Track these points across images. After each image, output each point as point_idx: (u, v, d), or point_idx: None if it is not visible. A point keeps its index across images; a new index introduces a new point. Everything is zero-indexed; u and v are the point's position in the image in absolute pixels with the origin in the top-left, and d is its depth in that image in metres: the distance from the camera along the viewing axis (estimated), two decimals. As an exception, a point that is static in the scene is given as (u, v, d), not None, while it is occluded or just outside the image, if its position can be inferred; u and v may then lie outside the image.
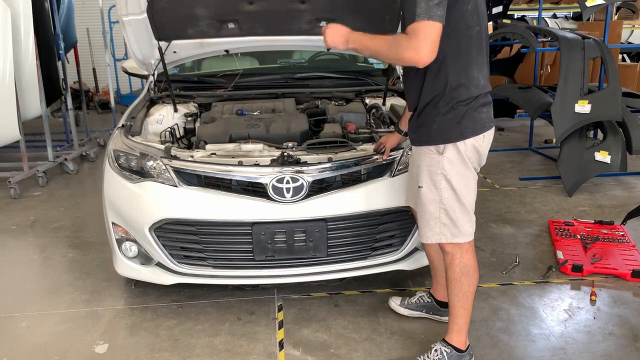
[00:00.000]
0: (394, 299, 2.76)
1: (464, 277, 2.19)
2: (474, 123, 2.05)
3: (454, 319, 2.25)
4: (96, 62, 7.61)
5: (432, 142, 2.08)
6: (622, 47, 7.21)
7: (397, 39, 1.90)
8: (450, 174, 2.08)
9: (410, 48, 1.84)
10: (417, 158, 2.19)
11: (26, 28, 4.85)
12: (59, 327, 2.67)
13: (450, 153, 2.06)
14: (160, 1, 3.09)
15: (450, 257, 2.19)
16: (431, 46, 1.83)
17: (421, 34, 1.82)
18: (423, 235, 2.22)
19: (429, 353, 2.27)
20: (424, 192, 2.14)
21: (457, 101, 2.02)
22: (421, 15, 1.81)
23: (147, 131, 3.12)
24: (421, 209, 2.18)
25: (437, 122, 2.05)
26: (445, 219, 2.13)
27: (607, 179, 4.80)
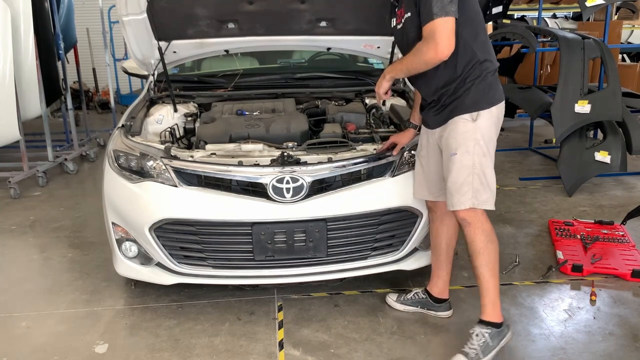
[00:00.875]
0: (391, 296, 2.79)
1: (490, 244, 2.27)
2: (498, 92, 2.28)
3: (487, 291, 2.30)
4: (96, 62, 7.61)
5: (467, 111, 2.23)
6: (622, 47, 7.21)
7: (417, 47, 2.15)
8: (483, 140, 2.23)
9: (429, 49, 2.09)
10: (445, 132, 2.29)
11: (26, 28, 4.85)
12: (59, 327, 2.68)
13: (482, 120, 2.22)
14: (160, 1, 3.09)
15: (473, 228, 2.27)
16: (447, 40, 2.07)
17: (437, 32, 2.06)
18: (455, 203, 2.26)
19: (471, 340, 2.29)
20: (457, 158, 2.24)
21: (487, 72, 2.23)
22: (439, 13, 2.05)
23: (147, 131, 3.12)
24: (453, 176, 2.26)
25: (472, 92, 2.22)
26: (478, 184, 2.24)
27: (607, 179, 4.80)
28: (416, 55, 2.15)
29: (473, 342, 2.28)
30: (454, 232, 2.58)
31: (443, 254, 2.60)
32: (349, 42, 3.52)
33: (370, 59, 4.13)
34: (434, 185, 2.49)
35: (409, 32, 2.27)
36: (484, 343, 2.27)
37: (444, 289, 2.66)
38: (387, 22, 2.47)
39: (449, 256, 2.62)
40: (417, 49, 2.14)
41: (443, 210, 2.51)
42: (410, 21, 2.24)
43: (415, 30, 2.22)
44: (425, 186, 2.53)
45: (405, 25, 2.28)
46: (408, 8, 2.24)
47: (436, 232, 2.59)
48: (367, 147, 2.69)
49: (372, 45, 3.53)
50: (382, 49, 3.53)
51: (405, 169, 2.66)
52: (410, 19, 2.23)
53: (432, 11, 2.05)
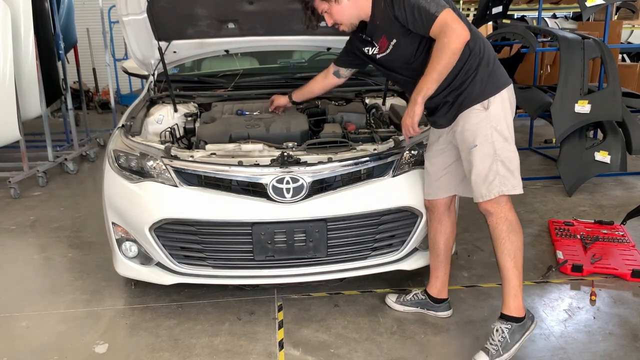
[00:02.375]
0: (390, 296, 2.79)
1: (512, 234, 2.24)
2: (502, 75, 2.29)
3: (508, 282, 2.26)
4: (96, 62, 7.60)
5: (477, 101, 2.23)
6: (622, 47, 7.20)
7: (437, 48, 2.13)
8: (500, 125, 2.23)
9: (451, 39, 2.09)
10: (458, 126, 2.29)
11: (26, 28, 4.85)
12: (59, 327, 2.68)
13: (494, 105, 2.23)
14: (160, 1, 3.09)
15: (496, 218, 2.25)
16: (462, 23, 2.11)
17: (449, 21, 2.09)
18: (484, 194, 2.24)
19: (492, 335, 2.29)
20: (477, 150, 2.23)
21: (486, 59, 2.25)
22: (438, 10, 2.10)
23: (147, 131, 3.12)
24: (477, 167, 2.24)
25: (475, 82, 2.23)
26: (503, 170, 2.22)
27: (607, 179, 4.80)
28: (442, 53, 2.11)
29: (494, 338, 2.28)
30: (452, 232, 2.58)
31: (441, 254, 2.60)
32: (349, 42, 3.51)
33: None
34: (435, 184, 2.50)
35: (401, 55, 2.30)
36: (503, 339, 2.25)
37: (443, 289, 2.66)
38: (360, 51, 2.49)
39: (447, 256, 2.62)
40: (438, 48, 2.12)
41: (441, 209, 2.53)
42: (399, 46, 2.27)
43: (408, 49, 2.26)
44: (430, 187, 2.53)
45: (395, 51, 2.30)
46: (391, 36, 2.26)
47: (434, 232, 2.59)
48: (367, 147, 2.68)
49: (372, 45, 3.52)
50: (382, 49, 3.53)
51: (406, 169, 2.66)
52: (398, 44, 2.27)
53: (431, 12, 2.10)
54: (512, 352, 2.26)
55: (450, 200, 2.53)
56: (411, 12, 2.14)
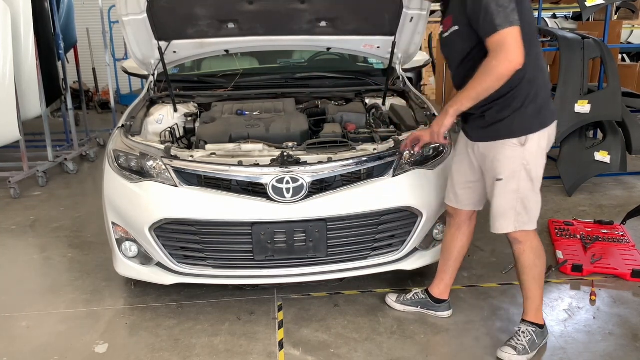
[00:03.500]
0: (391, 296, 2.79)
1: (538, 260, 2.29)
2: (550, 112, 2.19)
3: (532, 300, 2.36)
4: (96, 62, 7.60)
5: (515, 135, 2.14)
6: (622, 47, 7.20)
7: (484, 67, 2.01)
8: (531, 164, 2.16)
9: (500, 62, 1.97)
10: (490, 153, 2.21)
11: (26, 28, 4.85)
12: (59, 327, 2.68)
13: (531, 143, 2.14)
14: (160, 1, 3.09)
15: (522, 246, 2.28)
16: (520, 49, 1.96)
17: (507, 42, 1.95)
18: (498, 227, 2.27)
19: (517, 336, 2.36)
20: (502, 184, 2.20)
21: (537, 91, 2.12)
22: (503, 24, 1.94)
23: (147, 131, 3.13)
24: (498, 201, 2.23)
25: (519, 115, 2.12)
26: (521, 208, 2.21)
27: (607, 179, 4.80)
28: (486, 75, 2.00)
29: (520, 338, 2.35)
30: (468, 241, 2.58)
31: (452, 260, 2.60)
32: (349, 42, 3.52)
33: (370, 59, 4.13)
34: (460, 194, 2.47)
35: (454, 44, 2.19)
36: (531, 339, 2.34)
37: (445, 291, 2.67)
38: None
39: (457, 262, 2.62)
40: (485, 67, 2.00)
41: (463, 218, 2.52)
42: (457, 35, 2.15)
43: (461, 43, 2.14)
44: (451, 192, 2.51)
45: (451, 37, 2.18)
46: (456, 21, 2.13)
47: (451, 238, 2.58)
48: (367, 147, 2.68)
49: (372, 45, 3.53)
50: (382, 49, 3.53)
51: (406, 169, 2.66)
52: (457, 33, 2.14)
53: (496, 22, 1.94)
54: (534, 353, 2.34)
55: (473, 212, 2.52)
56: (479, 11, 1.99)
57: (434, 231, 2.79)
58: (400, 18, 3.28)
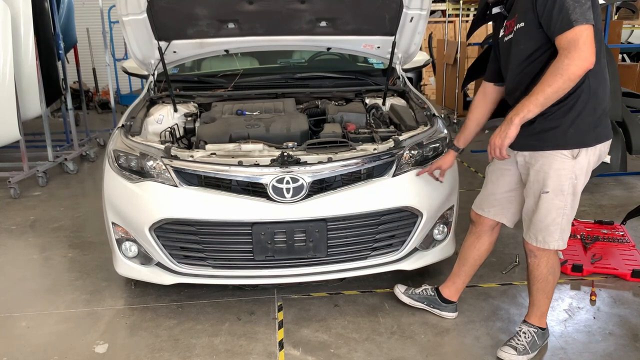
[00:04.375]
0: (399, 287, 2.79)
1: (551, 276, 2.28)
2: (607, 129, 2.07)
3: (538, 307, 2.36)
4: (96, 62, 7.61)
5: (567, 146, 2.03)
6: (622, 47, 7.20)
7: (554, 67, 1.88)
8: (579, 179, 2.08)
9: (572, 61, 1.84)
10: (537, 162, 2.11)
11: (26, 28, 4.85)
12: (59, 327, 2.68)
13: (583, 158, 2.04)
14: (160, 1, 3.09)
15: (538, 261, 2.26)
16: (592, 48, 1.84)
17: (581, 40, 1.83)
18: (540, 241, 2.19)
19: (518, 337, 2.36)
20: (548, 197, 2.10)
21: (596, 104, 2.00)
22: (579, 20, 1.83)
23: (147, 131, 3.13)
24: (542, 214, 2.14)
25: (576, 125, 2.00)
26: (565, 225, 2.16)
27: (607, 179, 4.80)
28: (556, 75, 1.87)
29: (520, 338, 2.35)
30: (486, 252, 2.54)
31: (467, 266, 2.59)
32: (349, 42, 3.52)
33: (370, 59, 4.13)
34: (487, 202, 2.43)
35: (518, 43, 2.07)
36: (532, 340, 2.35)
37: (455, 293, 2.66)
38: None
39: (471, 269, 2.60)
40: (555, 67, 1.87)
41: (484, 228, 2.48)
42: (523, 32, 2.03)
43: (527, 42, 2.03)
44: (484, 200, 2.44)
45: (516, 37, 2.07)
46: (521, 17, 2.03)
47: (470, 245, 2.55)
48: (367, 147, 2.68)
49: (372, 45, 3.53)
50: (382, 49, 3.54)
51: (406, 169, 2.66)
52: (523, 30, 2.03)
53: (571, 18, 1.83)
54: (534, 354, 2.35)
55: (496, 223, 2.47)
56: (552, 5, 1.88)
57: (434, 231, 2.79)
58: (400, 18, 3.28)
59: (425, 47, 8.16)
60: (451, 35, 9.45)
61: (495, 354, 2.37)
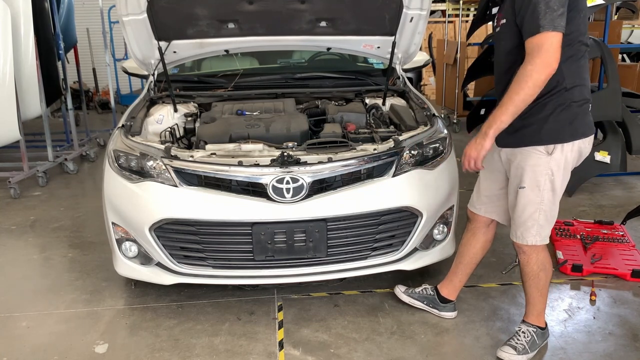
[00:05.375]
0: (400, 287, 2.80)
1: (542, 273, 2.29)
2: (584, 125, 2.10)
3: (534, 305, 2.37)
4: (96, 62, 7.60)
5: (542, 142, 2.07)
6: (622, 47, 7.20)
7: (519, 74, 1.93)
8: (555, 175, 2.11)
9: (534, 67, 1.89)
10: (515, 159, 2.16)
11: (26, 28, 4.85)
12: (59, 327, 2.68)
13: (558, 154, 2.08)
14: (160, 1, 3.09)
15: (527, 257, 2.27)
16: (555, 55, 1.89)
17: (544, 46, 1.88)
18: (519, 236, 2.24)
19: (518, 336, 2.37)
20: (525, 193, 2.14)
21: (572, 101, 2.04)
22: (546, 26, 1.86)
23: (147, 131, 3.13)
24: (519, 209, 2.19)
25: (550, 121, 2.04)
26: (543, 221, 2.18)
27: (607, 179, 4.80)
28: (521, 81, 1.91)
29: (520, 338, 2.35)
30: (483, 249, 2.55)
31: (464, 264, 2.59)
32: (348, 42, 3.52)
33: (370, 59, 4.13)
34: (479, 199, 2.46)
35: (501, 39, 2.11)
36: (531, 339, 2.35)
37: (453, 292, 2.67)
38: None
39: (468, 267, 2.60)
40: (520, 74, 1.92)
41: (479, 225, 2.50)
42: (505, 28, 2.07)
43: (507, 39, 2.07)
44: (476, 197, 2.47)
45: (500, 31, 2.11)
46: (506, 13, 2.05)
47: (466, 242, 2.57)
48: (367, 147, 2.68)
49: (372, 45, 3.53)
50: (382, 49, 3.54)
51: (406, 169, 2.66)
52: (506, 26, 2.06)
53: (540, 23, 1.87)
54: (533, 353, 2.35)
55: (491, 220, 2.48)
56: (526, 8, 1.92)
57: (434, 231, 2.79)
58: (400, 18, 3.28)
59: (425, 47, 8.15)
60: (451, 35, 9.45)
61: (495, 353, 2.38)
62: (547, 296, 2.38)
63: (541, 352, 2.40)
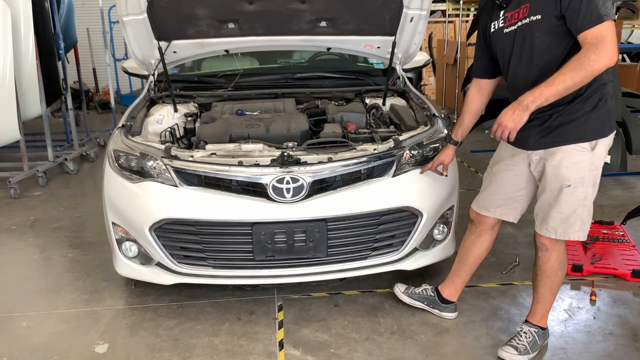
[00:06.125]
0: (399, 286, 2.79)
1: (560, 270, 2.29)
2: (613, 117, 2.12)
3: (543, 305, 2.37)
4: (96, 62, 7.61)
5: (586, 139, 2.05)
6: (622, 47, 7.20)
7: (579, 60, 1.87)
8: (597, 170, 2.11)
9: (600, 57, 1.85)
10: (554, 158, 2.10)
11: (26, 28, 4.85)
12: (59, 327, 2.68)
13: (600, 148, 2.07)
14: (160, 1, 3.09)
15: (549, 254, 2.26)
16: (616, 46, 1.87)
17: (608, 36, 1.85)
18: (560, 233, 2.19)
19: (519, 336, 2.37)
20: (569, 190, 2.11)
21: (608, 96, 2.05)
22: (609, 15, 1.84)
23: (147, 131, 3.13)
24: (561, 207, 2.15)
25: (592, 117, 2.02)
26: (586, 216, 2.19)
27: (607, 179, 4.80)
28: (580, 69, 1.86)
29: (521, 338, 2.36)
30: (486, 251, 2.54)
31: (466, 265, 2.58)
32: (349, 42, 3.52)
33: (370, 59, 4.13)
34: (493, 202, 2.41)
35: (532, 36, 2.02)
36: (532, 340, 2.35)
37: (455, 293, 2.66)
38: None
39: (471, 269, 2.60)
40: (579, 60, 1.86)
41: (485, 227, 2.48)
42: (539, 25, 1.99)
43: (544, 36, 2.00)
44: (487, 199, 2.43)
45: (526, 29, 2.03)
46: (537, 9, 1.99)
47: (470, 244, 2.55)
48: (367, 147, 2.68)
49: (372, 45, 3.53)
50: (382, 49, 3.54)
51: (406, 169, 2.66)
52: (539, 22, 1.99)
53: (601, 12, 1.84)
54: (534, 354, 2.35)
55: (497, 221, 2.47)
56: (580, 0, 1.87)
57: (434, 231, 2.79)
58: (400, 18, 3.28)
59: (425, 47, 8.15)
60: (451, 35, 9.45)
61: (496, 353, 2.37)
62: (556, 297, 2.37)
63: (541, 352, 2.40)
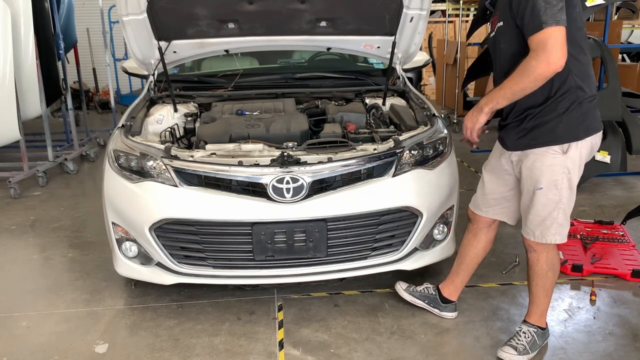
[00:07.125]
0: (401, 283, 2.79)
1: (550, 272, 2.29)
2: (595, 121, 2.10)
3: (538, 305, 2.37)
4: (96, 62, 7.61)
5: (557, 142, 2.07)
6: (622, 47, 7.21)
7: (523, 66, 1.93)
8: (572, 173, 2.11)
9: (540, 63, 1.89)
10: (528, 160, 2.14)
11: (26, 28, 4.85)
12: (59, 327, 2.68)
13: (573, 151, 2.07)
14: (160, 1, 3.09)
15: (537, 255, 2.27)
16: (561, 51, 1.88)
17: (549, 42, 1.87)
18: (537, 236, 2.21)
19: (518, 336, 2.37)
20: (542, 193, 2.13)
21: (583, 99, 2.05)
22: (548, 21, 1.85)
23: (147, 131, 3.13)
24: (537, 209, 2.17)
25: (564, 120, 2.04)
26: (562, 219, 2.17)
27: (607, 179, 4.80)
28: (523, 74, 1.93)
29: (520, 338, 2.35)
30: (484, 249, 2.55)
31: (465, 264, 2.59)
32: (348, 42, 3.52)
33: (370, 59, 4.13)
34: (485, 202, 2.44)
35: (500, 42, 2.11)
36: (532, 340, 2.35)
37: (454, 292, 2.66)
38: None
39: (469, 268, 2.60)
40: (523, 66, 1.93)
41: (481, 225, 2.50)
42: (503, 31, 2.07)
43: (507, 41, 2.07)
44: (480, 199, 2.46)
45: (498, 35, 2.11)
46: (502, 16, 2.07)
47: (468, 243, 2.56)
48: (367, 147, 2.68)
49: (372, 45, 3.53)
50: (382, 49, 3.54)
51: (406, 169, 2.66)
52: (503, 29, 2.07)
53: (541, 19, 1.86)
54: (534, 354, 2.35)
55: (493, 220, 2.48)
56: (525, 6, 1.91)
57: (434, 231, 2.79)
58: (400, 18, 3.28)
59: (425, 47, 8.15)
60: (451, 35, 9.45)
61: (496, 354, 2.38)
62: (551, 297, 2.37)
63: (541, 352, 2.40)
